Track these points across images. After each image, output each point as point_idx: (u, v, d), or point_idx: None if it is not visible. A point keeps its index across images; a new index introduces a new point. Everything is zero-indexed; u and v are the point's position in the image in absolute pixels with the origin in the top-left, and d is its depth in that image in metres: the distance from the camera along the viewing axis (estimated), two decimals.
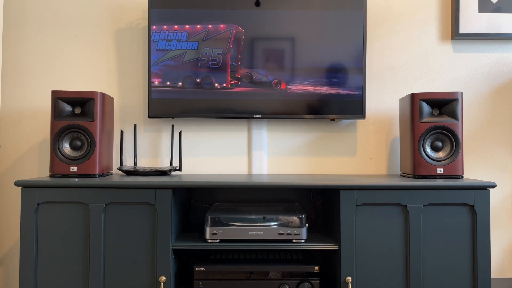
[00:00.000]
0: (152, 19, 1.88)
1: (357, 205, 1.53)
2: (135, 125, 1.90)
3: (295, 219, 1.57)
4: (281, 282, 1.56)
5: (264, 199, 1.96)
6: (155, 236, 1.51)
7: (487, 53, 2.03)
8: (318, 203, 1.95)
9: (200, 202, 1.95)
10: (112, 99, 1.85)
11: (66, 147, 1.68)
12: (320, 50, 1.90)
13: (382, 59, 2.03)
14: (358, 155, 2.02)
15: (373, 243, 1.53)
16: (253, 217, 1.57)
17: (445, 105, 1.70)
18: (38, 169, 1.99)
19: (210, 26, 1.89)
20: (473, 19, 1.98)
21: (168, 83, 1.89)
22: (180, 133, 1.89)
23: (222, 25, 1.89)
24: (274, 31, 1.90)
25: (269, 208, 1.72)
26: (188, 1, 1.89)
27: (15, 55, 2.00)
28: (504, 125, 2.02)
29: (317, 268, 1.57)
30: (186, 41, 1.89)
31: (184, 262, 1.78)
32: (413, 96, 1.70)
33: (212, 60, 1.90)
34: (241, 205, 1.83)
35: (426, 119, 1.69)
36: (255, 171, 2.00)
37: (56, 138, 1.66)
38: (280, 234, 1.54)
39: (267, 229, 1.54)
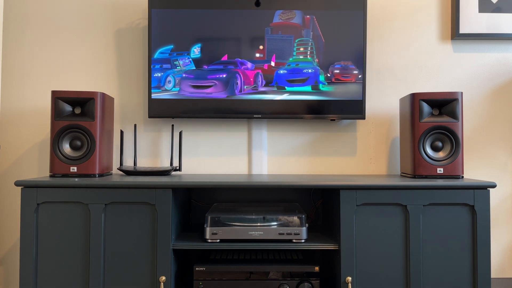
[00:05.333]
0: (152, 19, 1.88)
1: (357, 205, 1.53)
2: (135, 125, 1.90)
3: (295, 219, 1.57)
4: (281, 282, 1.56)
5: (264, 199, 1.96)
6: (155, 236, 1.51)
7: (487, 53, 2.03)
8: (318, 203, 1.95)
9: (200, 202, 1.96)
10: (112, 99, 1.85)
11: (66, 147, 1.68)
12: (320, 50, 1.90)
13: (382, 59, 2.03)
14: (358, 155, 2.02)
15: (373, 243, 1.53)
16: (253, 217, 1.57)
17: (445, 105, 1.70)
18: (38, 169, 1.99)
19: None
20: (473, 19, 1.98)
21: (168, 83, 1.89)
22: (180, 133, 1.89)
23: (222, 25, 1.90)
24: (273, 31, 1.90)
25: (269, 208, 1.72)
26: (188, 1, 1.89)
27: (15, 55, 2.00)
28: (504, 125, 2.02)
29: (317, 268, 1.57)
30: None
31: (184, 262, 1.78)
32: (413, 96, 1.70)
33: (212, 59, 1.90)
34: (241, 205, 1.83)
35: (426, 119, 1.69)
36: (255, 171, 2.00)
37: (56, 138, 1.66)
38: (280, 234, 1.54)
39: (267, 229, 1.54)
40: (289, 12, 1.83)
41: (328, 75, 1.90)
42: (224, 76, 1.88)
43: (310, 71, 1.89)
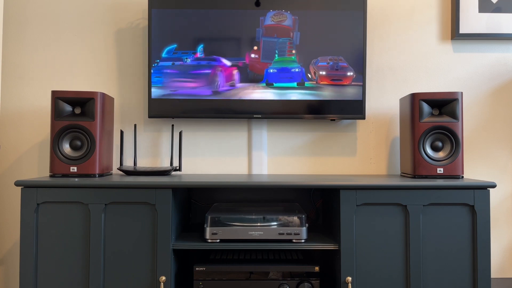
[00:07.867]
0: (152, 19, 1.88)
1: (357, 205, 1.53)
2: (135, 125, 1.90)
3: (295, 219, 1.57)
4: (281, 282, 1.56)
5: (264, 199, 1.96)
6: (155, 236, 1.51)
7: (487, 53, 2.03)
8: (318, 203, 1.95)
9: (200, 202, 1.95)
10: (112, 99, 1.85)
11: (66, 147, 1.68)
12: (320, 50, 1.90)
13: (382, 59, 2.03)
14: (358, 155, 2.02)
15: (373, 243, 1.53)
16: (253, 217, 1.57)
17: (445, 105, 1.70)
18: (38, 169, 1.99)
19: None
20: (473, 19, 1.98)
21: (168, 83, 1.89)
22: (180, 133, 1.89)
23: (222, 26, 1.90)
24: (274, 31, 1.90)
25: (269, 208, 1.72)
26: (188, 1, 1.89)
27: (15, 55, 2.00)
28: (504, 125, 2.02)
29: (317, 268, 1.57)
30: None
31: (184, 262, 1.78)
32: (413, 96, 1.70)
33: (212, 60, 1.90)
34: (241, 205, 1.83)
35: (426, 119, 1.69)
36: (255, 171, 2.00)
37: (56, 138, 1.66)
38: (280, 234, 1.54)
39: (267, 229, 1.54)
40: (280, 14, 1.83)
41: (324, 77, 1.90)
42: (209, 71, 1.90)
43: (297, 70, 1.90)
